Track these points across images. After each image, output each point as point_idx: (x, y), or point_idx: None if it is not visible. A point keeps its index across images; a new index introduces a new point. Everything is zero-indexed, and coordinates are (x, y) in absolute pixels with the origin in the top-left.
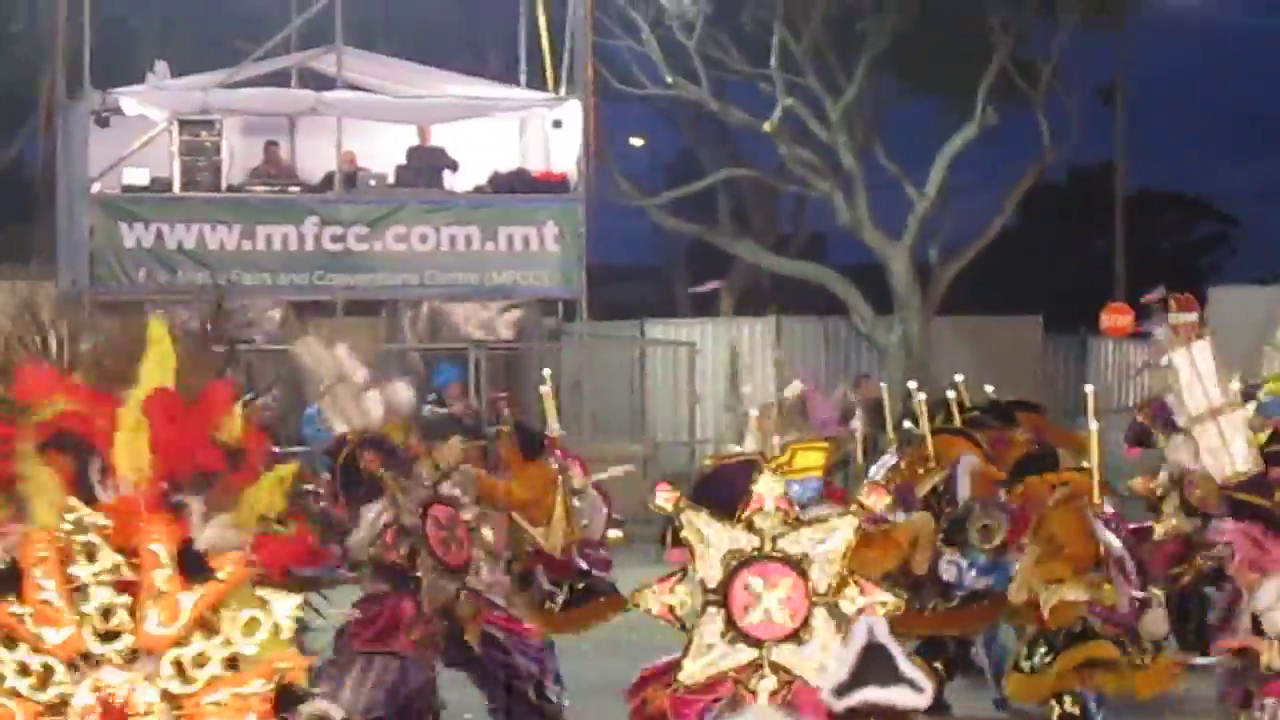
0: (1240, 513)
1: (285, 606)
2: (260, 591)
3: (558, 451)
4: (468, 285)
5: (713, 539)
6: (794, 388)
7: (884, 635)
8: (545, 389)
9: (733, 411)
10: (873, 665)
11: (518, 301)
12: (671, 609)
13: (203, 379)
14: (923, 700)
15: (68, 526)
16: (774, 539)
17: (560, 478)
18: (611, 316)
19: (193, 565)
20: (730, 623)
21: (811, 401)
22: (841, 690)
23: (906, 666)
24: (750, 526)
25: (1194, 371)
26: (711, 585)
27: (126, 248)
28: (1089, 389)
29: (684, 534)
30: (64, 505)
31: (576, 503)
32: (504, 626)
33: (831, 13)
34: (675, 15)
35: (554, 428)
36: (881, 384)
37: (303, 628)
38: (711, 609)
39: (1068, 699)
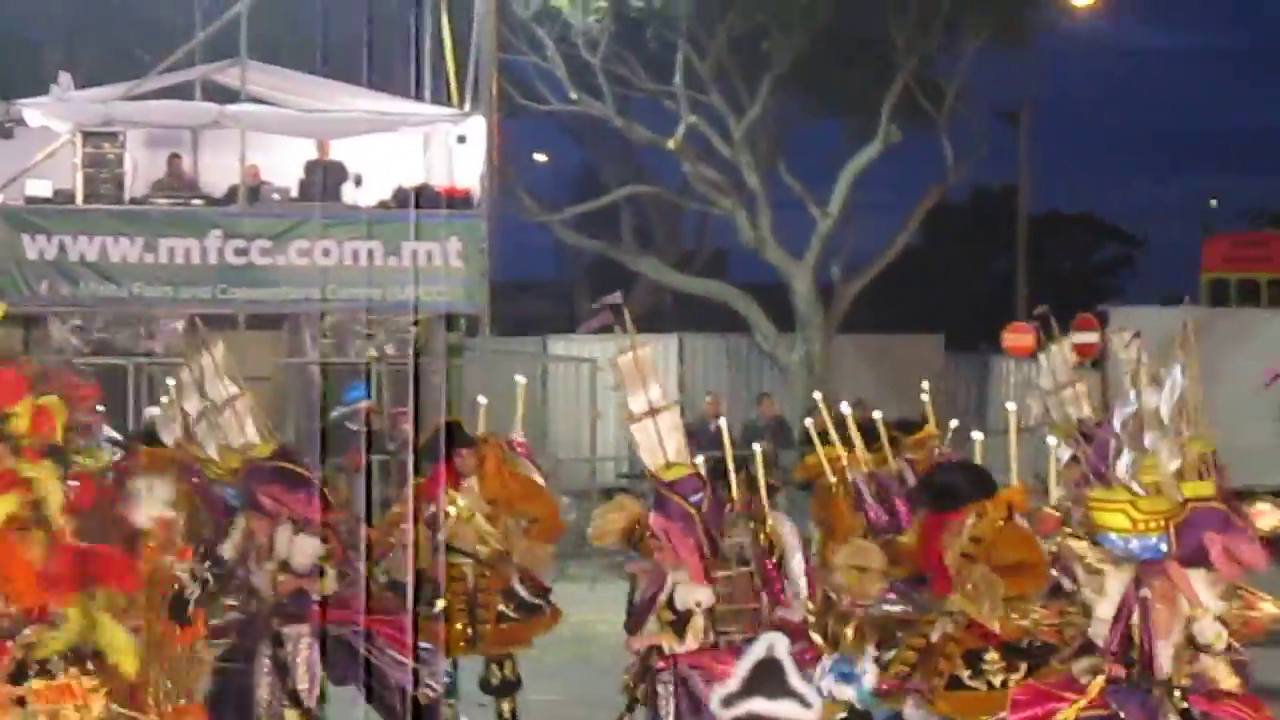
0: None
1: None
2: None
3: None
4: (370, 300)
5: None
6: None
7: (783, 652)
8: (519, 386)
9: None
10: (764, 678)
11: (420, 317)
12: None
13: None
14: (809, 715)
15: None
16: None
17: None
18: (514, 332)
19: None
20: None
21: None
22: (730, 700)
23: (797, 682)
24: None
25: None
26: None
27: (29, 259)
28: (1010, 406)
29: None
30: None
31: None
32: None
33: (736, 31)
34: (581, 32)
35: (519, 432)
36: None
37: None
38: None
39: None
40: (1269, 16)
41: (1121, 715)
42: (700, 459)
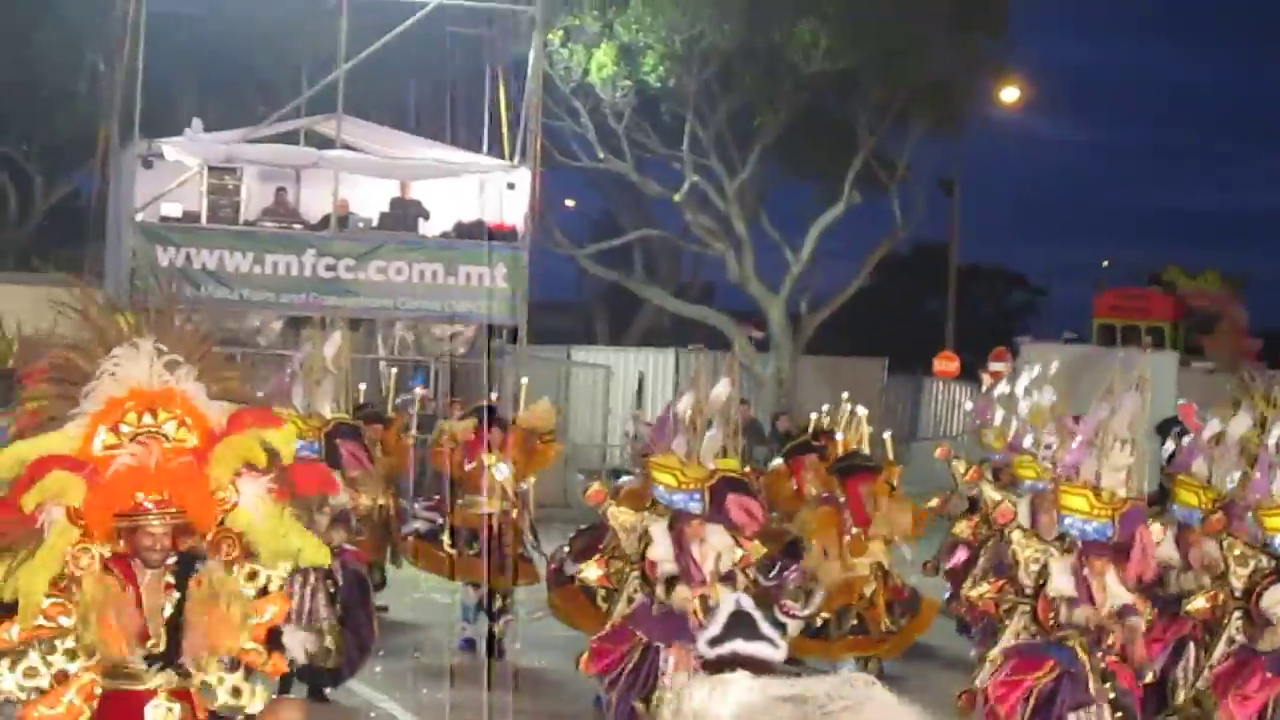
0: None
1: None
2: None
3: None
4: (433, 310)
5: None
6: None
7: (748, 605)
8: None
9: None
10: (739, 625)
11: (471, 325)
12: None
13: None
14: (778, 654)
15: None
16: None
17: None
18: (545, 341)
19: None
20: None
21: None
22: (714, 642)
23: (766, 628)
24: None
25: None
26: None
27: (161, 266)
28: (862, 410)
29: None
30: None
31: None
32: None
33: (733, 108)
34: (609, 104)
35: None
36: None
37: None
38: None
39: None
40: (1155, 116)
41: (1071, 670)
42: None
